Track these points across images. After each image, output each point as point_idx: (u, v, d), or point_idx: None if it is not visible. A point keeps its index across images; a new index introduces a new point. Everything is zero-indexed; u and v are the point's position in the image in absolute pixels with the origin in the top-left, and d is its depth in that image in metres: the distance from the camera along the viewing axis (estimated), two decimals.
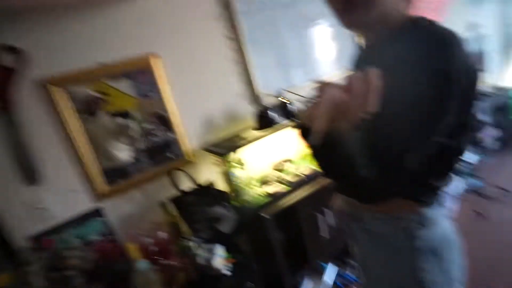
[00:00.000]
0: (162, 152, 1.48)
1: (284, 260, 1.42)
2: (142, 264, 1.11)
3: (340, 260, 1.72)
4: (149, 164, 1.45)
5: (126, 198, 1.41)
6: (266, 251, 1.43)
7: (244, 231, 1.44)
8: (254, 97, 1.65)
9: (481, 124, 2.45)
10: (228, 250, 1.34)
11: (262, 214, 1.32)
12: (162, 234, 1.32)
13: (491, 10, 2.88)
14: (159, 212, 1.41)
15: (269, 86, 1.69)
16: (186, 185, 1.49)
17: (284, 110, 1.51)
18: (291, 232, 1.54)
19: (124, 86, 1.35)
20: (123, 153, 1.39)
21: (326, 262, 1.71)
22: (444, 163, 0.57)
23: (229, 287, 1.19)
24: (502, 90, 2.74)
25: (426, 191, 0.59)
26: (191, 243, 1.26)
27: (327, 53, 1.92)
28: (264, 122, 1.42)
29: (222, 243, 1.34)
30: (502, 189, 2.22)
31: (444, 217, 0.67)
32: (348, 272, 1.71)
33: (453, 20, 2.56)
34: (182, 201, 1.42)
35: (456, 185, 2.23)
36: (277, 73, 1.75)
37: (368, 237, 0.70)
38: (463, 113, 0.53)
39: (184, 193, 1.43)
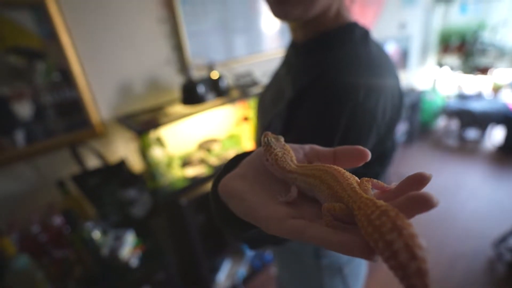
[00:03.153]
0: (63, 118, 1.20)
1: (202, 245, 1.35)
2: (20, 260, 0.90)
3: None
4: (45, 132, 1.16)
5: (8, 174, 1.12)
6: (183, 236, 1.33)
7: (159, 216, 1.31)
8: (183, 67, 1.45)
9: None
10: (140, 236, 1.20)
11: (179, 201, 1.20)
12: (56, 220, 1.10)
13: (419, 13, 3.13)
14: (54, 193, 1.17)
15: (204, 56, 1.50)
16: (93, 162, 1.26)
17: (215, 85, 1.36)
18: (210, 214, 1.47)
19: (22, 18, 1.04)
20: (22, 107, 1.09)
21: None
22: None
23: (136, 280, 1.07)
24: (415, 90, 3.07)
25: None
26: (94, 230, 1.08)
27: (272, 25, 1.78)
28: (192, 96, 1.26)
29: (133, 228, 1.19)
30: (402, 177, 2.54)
31: None
32: (267, 254, 1.75)
33: (387, 18, 2.71)
34: (87, 180, 1.19)
35: None
36: (215, 42, 1.55)
37: (280, 249, 0.66)
38: (381, 145, 0.48)
39: (89, 171, 1.20)
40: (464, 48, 3.26)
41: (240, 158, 0.29)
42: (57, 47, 1.12)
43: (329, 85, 0.43)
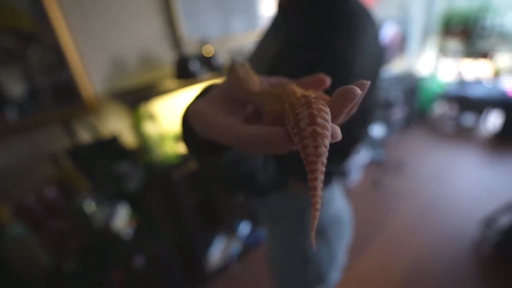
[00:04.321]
0: (56, 94, 1.20)
1: (195, 220, 1.38)
2: (15, 228, 0.92)
3: (254, 219, 1.78)
4: (38, 107, 1.17)
5: (3, 147, 1.13)
6: (176, 211, 1.36)
7: (153, 191, 1.33)
8: (176, 42, 1.43)
9: (391, 103, 2.71)
10: (134, 209, 1.22)
11: (172, 176, 1.22)
12: (50, 192, 1.12)
13: None
14: (48, 166, 1.18)
15: (198, 31, 1.48)
16: (86, 136, 1.27)
17: (209, 61, 1.35)
18: (204, 192, 1.49)
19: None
20: (15, 85, 1.09)
21: (239, 221, 1.75)
22: (340, 149, 0.54)
23: (129, 252, 1.10)
24: (413, 75, 3.05)
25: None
26: (87, 202, 1.10)
27: (269, 1, 1.75)
28: (184, 72, 1.25)
29: (126, 201, 1.22)
30: (398, 162, 2.57)
31: (339, 196, 0.68)
32: (259, 231, 1.79)
33: (387, 2, 2.65)
34: (80, 154, 1.21)
35: (362, 156, 2.48)
36: (211, 17, 1.52)
37: (265, 211, 0.67)
38: (362, 102, 0.48)
39: (82, 145, 1.21)
40: (466, 32, 3.21)
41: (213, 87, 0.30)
42: (48, 24, 1.11)
43: (308, 36, 0.43)
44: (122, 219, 1.18)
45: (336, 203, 0.65)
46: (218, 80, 0.32)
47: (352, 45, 0.42)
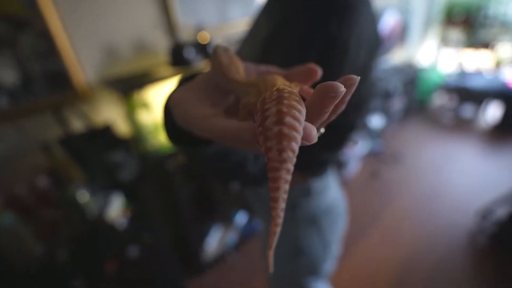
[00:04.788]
0: (47, 82, 1.16)
1: (190, 210, 1.37)
2: (6, 218, 0.90)
3: (250, 208, 1.77)
4: (29, 95, 1.13)
5: None
6: (171, 201, 1.34)
7: (147, 181, 1.31)
8: (171, 28, 1.39)
9: (390, 93, 2.68)
10: (128, 199, 1.21)
11: (167, 166, 1.20)
12: (42, 181, 1.10)
13: None
14: (39, 155, 1.16)
15: (194, 17, 1.43)
16: (79, 125, 1.24)
17: (205, 48, 1.31)
18: (200, 181, 1.47)
19: None
20: (6, 72, 1.06)
21: (236, 211, 1.74)
22: (335, 137, 0.52)
23: (123, 242, 1.08)
24: (413, 66, 3.01)
25: (315, 163, 0.56)
26: (80, 191, 1.09)
27: None
28: (179, 59, 1.21)
29: (120, 191, 1.20)
30: (396, 152, 2.56)
31: (334, 185, 0.67)
32: (256, 221, 1.79)
33: None
34: (73, 143, 1.18)
35: (360, 147, 2.46)
36: (209, 4, 1.47)
37: (260, 203, 0.66)
38: (357, 88, 0.46)
39: (75, 134, 1.19)
40: (468, 22, 3.15)
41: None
42: (38, 10, 1.07)
43: (300, 18, 0.41)
44: (116, 209, 1.16)
45: (331, 193, 0.64)
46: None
47: (348, 27, 0.41)
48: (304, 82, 0.23)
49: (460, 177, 2.17)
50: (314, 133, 0.15)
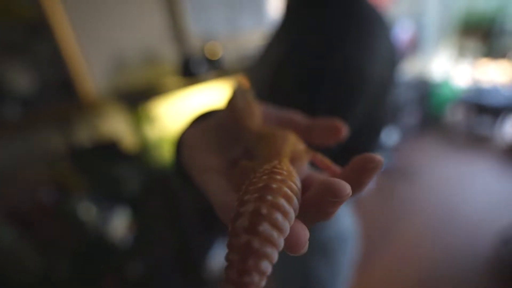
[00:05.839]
0: (56, 91, 1.15)
1: (195, 225, 1.33)
2: (5, 233, 0.88)
3: None
4: (36, 103, 1.12)
5: None
6: (176, 216, 1.31)
7: (152, 195, 1.28)
8: (181, 39, 1.36)
9: (403, 108, 2.61)
10: (132, 213, 1.17)
11: (172, 180, 1.17)
12: (44, 194, 1.07)
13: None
14: (43, 167, 1.14)
15: (204, 27, 1.40)
16: (84, 136, 1.22)
17: (215, 60, 1.28)
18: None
19: None
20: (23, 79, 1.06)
21: None
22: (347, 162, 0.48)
23: (126, 257, 1.05)
24: (426, 79, 2.94)
25: None
26: (83, 205, 1.06)
27: None
28: (188, 70, 1.19)
29: (125, 205, 1.17)
30: (410, 169, 2.47)
31: (344, 210, 0.64)
32: None
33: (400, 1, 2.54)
34: (78, 156, 1.16)
35: None
36: (217, 12, 1.44)
37: None
38: (373, 113, 0.45)
39: (81, 147, 1.17)
40: (485, 32, 3.06)
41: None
42: (49, 18, 1.06)
43: (316, 39, 0.39)
44: (119, 223, 1.13)
45: (340, 218, 0.61)
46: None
47: (364, 49, 0.39)
48: (325, 139, 0.21)
49: (477, 197, 2.08)
50: (304, 239, 0.12)
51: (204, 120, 0.25)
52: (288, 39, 0.43)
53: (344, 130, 0.20)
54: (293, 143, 0.18)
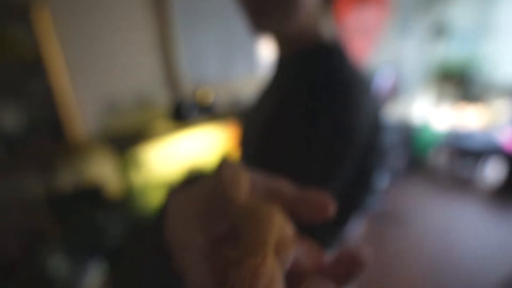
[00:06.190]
0: (43, 131, 1.11)
1: (182, 280, 1.22)
2: None
3: None
4: (26, 143, 1.07)
5: None
6: (161, 269, 1.20)
7: (136, 245, 1.19)
8: (173, 83, 1.38)
9: (390, 152, 2.67)
10: (109, 268, 1.07)
11: (159, 229, 1.09)
12: (13, 245, 0.98)
13: (414, 46, 3.20)
14: (18, 214, 1.05)
15: (196, 73, 1.44)
16: (67, 181, 1.16)
17: (207, 105, 1.30)
18: None
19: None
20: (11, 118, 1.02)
21: None
22: (339, 218, 0.50)
23: None
24: (408, 123, 3.07)
25: (317, 240, 0.50)
26: (55, 258, 0.96)
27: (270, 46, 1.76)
28: (180, 115, 1.18)
29: (102, 258, 1.07)
30: (399, 213, 2.46)
31: None
32: None
33: (383, 49, 2.75)
34: (58, 202, 1.09)
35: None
36: (210, 58, 1.49)
37: None
38: (361, 171, 0.47)
39: (62, 192, 1.10)
40: (460, 81, 3.31)
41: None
42: (44, 59, 1.06)
43: (302, 100, 0.42)
44: (93, 280, 1.02)
45: None
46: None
47: (350, 112, 0.41)
48: (312, 216, 0.20)
49: (468, 245, 2.05)
50: None
51: (192, 185, 0.24)
52: (279, 94, 0.45)
53: (332, 208, 0.20)
54: (280, 226, 0.17)
